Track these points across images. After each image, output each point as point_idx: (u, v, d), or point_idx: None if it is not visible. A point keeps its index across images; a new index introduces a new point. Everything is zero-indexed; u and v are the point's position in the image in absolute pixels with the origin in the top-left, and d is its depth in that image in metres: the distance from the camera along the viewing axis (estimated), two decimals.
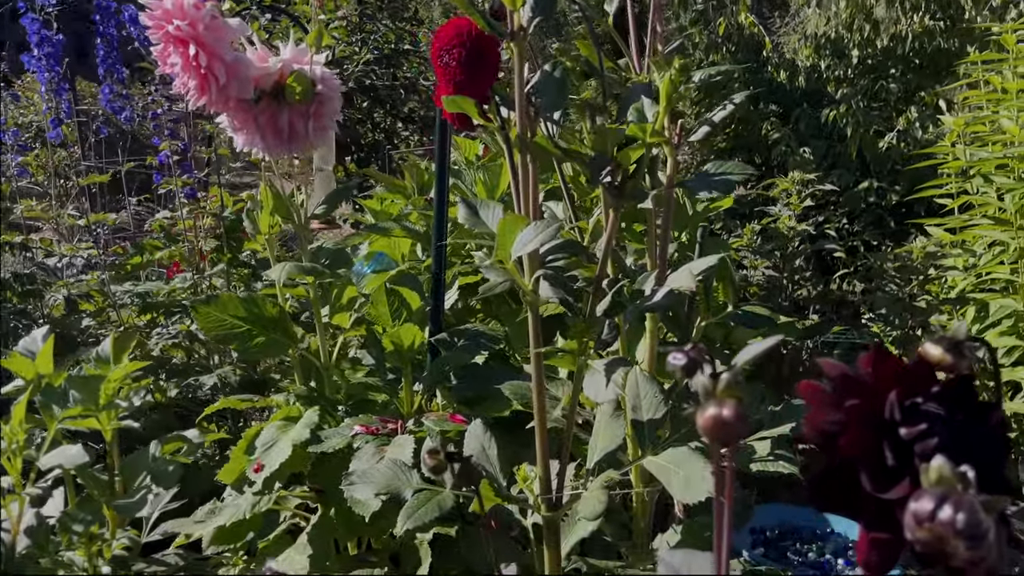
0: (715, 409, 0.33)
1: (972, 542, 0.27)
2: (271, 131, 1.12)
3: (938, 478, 0.29)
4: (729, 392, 0.34)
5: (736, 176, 0.75)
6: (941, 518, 0.28)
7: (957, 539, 0.28)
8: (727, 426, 0.33)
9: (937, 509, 0.28)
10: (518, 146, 0.77)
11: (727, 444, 0.33)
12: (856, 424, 0.33)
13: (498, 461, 0.88)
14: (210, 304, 1.07)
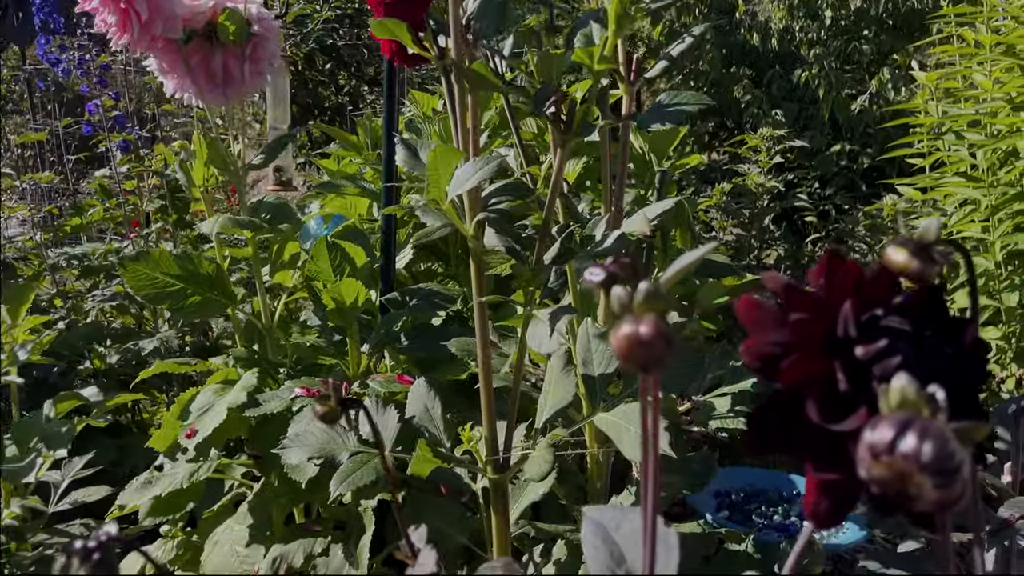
0: (631, 327, 0.27)
1: (941, 478, 0.22)
2: (203, 74, 1.04)
3: (900, 401, 0.24)
4: (649, 306, 0.28)
5: (691, 106, 0.69)
6: (903, 449, 0.22)
7: (923, 475, 0.22)
8: (644, 346, 0.27)
9: (898, 438, 0.22)
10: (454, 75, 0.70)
11: (647, 368, 0.28)
12: (803, 344, 0.27)
13: (442, 422, 0.82)
14: (140, 261, 1.00)
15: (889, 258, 0.29)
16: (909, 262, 0.29)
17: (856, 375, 0.27)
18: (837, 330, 0.28)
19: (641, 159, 1.49)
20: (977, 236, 1.72)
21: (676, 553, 0.36)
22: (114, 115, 1.26)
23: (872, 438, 0.23)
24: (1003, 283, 1.66)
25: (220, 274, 1.03)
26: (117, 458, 1.23)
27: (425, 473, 0.76)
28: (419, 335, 1.09)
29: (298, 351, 1.13)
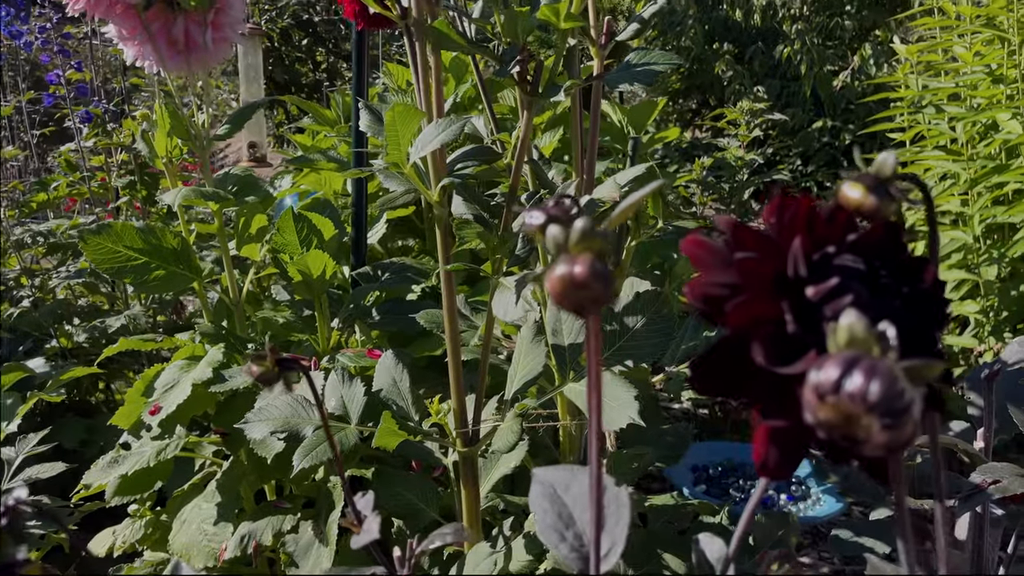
0: (565, 267, 0.26)
1: (889, 419, 0.20)
2: (164, 41, 1.01)
3: (848, 339, 0.22)
4: (584, 245, 0.26)
5: (659, 66, 0.67)
6: (849, 389, 0.21)
7: (870, 416, 0.20)
8: (579, 286, 0.25)
9: (844, 377, 0.21)
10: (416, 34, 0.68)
11: (582, 310, 0.26)
12: (750, 284, 0.26)
13: (410, 395, 0.81)
14: (101, 234, 0.97)
15: (844, 195, 0.27)
16: (864, 198, 0.27)
17: (806, 316, 0.25)
18: (787, 269, 0.26)
19: (620, 133, 1.47)
20: (956, 210, 1.71)
21: (627, 512, 0.34)
22: (77, 86, 1.22)
23: (817, 378, 0.21)
24: (982, 256, 1.66)
25: (185, 248, 1.01)
26: (87, 438, 1.20)
27: (391, 446, 0.75)
28: (391, 310, 1.07)
29: (269, 327, 1.11)
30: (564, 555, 0.34)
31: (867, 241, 0.27)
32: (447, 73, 1.46)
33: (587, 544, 0.34)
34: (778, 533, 0.92)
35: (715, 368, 0.26)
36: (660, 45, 2.82)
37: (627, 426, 0.68)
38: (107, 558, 1.01)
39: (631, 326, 0.77)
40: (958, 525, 0.83)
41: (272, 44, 3.65)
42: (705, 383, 0.26)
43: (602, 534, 0.34)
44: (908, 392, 0.21)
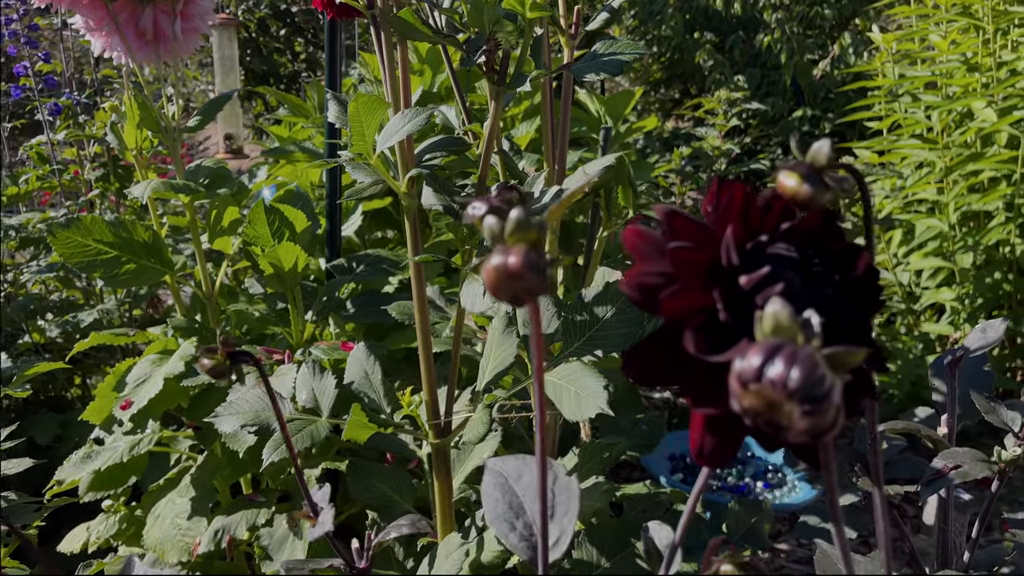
0: (500, 258, 0.26)
1: (809, 405, 0.21)
2: (132, 32, 0.99)
3: (774, 328, 0.22)
4: (519, 236, 0.26)
5: (626, 56, 0.67)
6: (770, 376, 0.21)
7: (791, 403, 0.21)
8: (513, 277, 0.25)
9: (766, 365, 0.21)
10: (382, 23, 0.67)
11: (517, 300, 0.26)
12: (684, 273, 0.26)
13: (382, 387, 0.81)
14: (71, 228, 0.96)
15: (780, 183, 0.28)
16: (799, 187, 0.27)
17: (739, 305, 0.25)
18: (722, 258, 0.26)
19: (597, 123, 1.47)
20: (932, 198, 1.72)
21: (576, 502, 0.34)
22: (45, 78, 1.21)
23: (740, 366, 0.21)
24: (957, 244, 1.67)
25: (157, 241, 1.00)
26: (61, 433, 1.19)
27: (362, 439, 0.75)
28: (367, 302, 1.07)
29: (244, 320, 1.10)
30: (513, 544, 0.34)
31: (802, 229, 0.27)
32: (423, 64, 1.45)
33: (536, 534, 0.34)
34: (751, 520, 0.92)
35: (650, 357, 0.26)
36: (641, 34, 2.82)
37: (602, 415, 0.68)
38: (82, 554, 1.00)
39: (601, 316, 0.77)
40: (926, 510, 0.84)
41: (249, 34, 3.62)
42: (640, 372, 0.26)
43: (551, 523, 0.35)
44: (829, 378, 0.21)
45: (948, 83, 1.71)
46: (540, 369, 0.30)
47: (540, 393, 0.31)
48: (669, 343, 0.26)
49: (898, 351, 1.76)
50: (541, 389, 0.31)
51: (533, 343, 0.30)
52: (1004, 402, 0.60)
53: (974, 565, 0.67)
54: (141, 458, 1.01)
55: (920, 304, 1.74)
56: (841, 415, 0.21)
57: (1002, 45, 1.65)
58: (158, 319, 1.47)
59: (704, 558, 0.31)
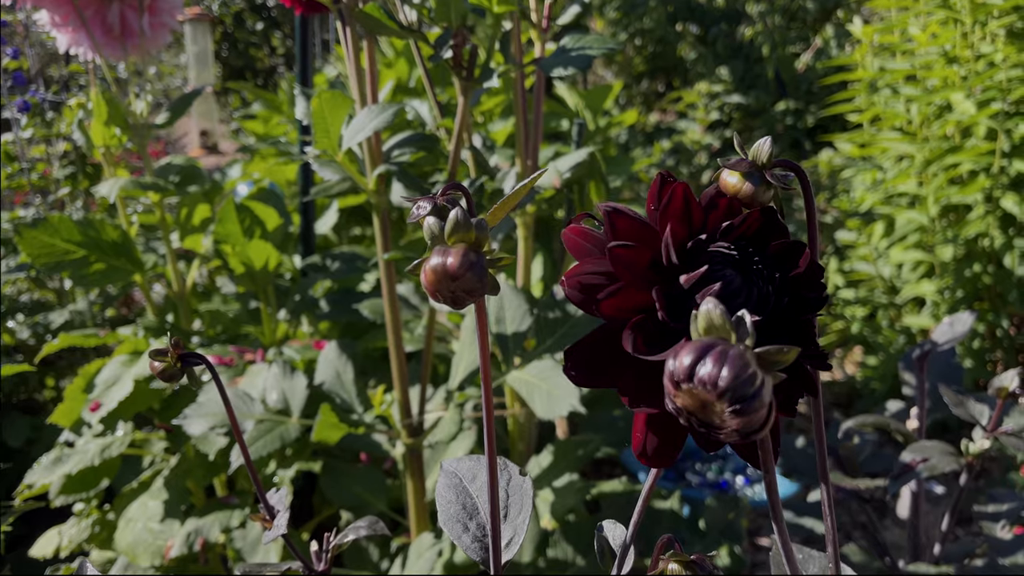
0: (438, 259, 0.25)
1: (739, 404, 0.20)
2: (99, 27, 0.98)
3: (707, 326, 0.22)
4: (458, 236, 0.25)
5: (595, 50, 0.66)
6: (700, 375, 0.20)
7: (721, 402, 0.20)
8: (451, 278, 0.25)
9: (696, 364, 0.20)
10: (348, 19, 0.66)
11: (456, 302, 0.25)
12: (625, 273, 0.25)
13: (354, 387, 0.80)
14: (38, 228, 0.95)
15: (723, 181, 0.27)
16: (741, 184, 0.26)
17: (678, 305, 0.25)
18: (663, 257, 0.25)
19: (575, 117, 1.46)
20: (913, 192, 1.73)
21: (530, 501, 0.34)
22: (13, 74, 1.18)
23: (672, 366, 0.21)
24: (937, 237, 1.68)
25: (126, 240, 0.98)
26: (33, 436, 1.18)
27: (333, 440, 0.74)
28: (341, 301, 1.06)
29: (218, 320, 1.09)
30: (467, 545, 0.34)
31: (743, 227, 0.26)
32: (400, 58, 1.44)
33: (489, 534, 0.34)
34: (728, 516, 0.92)
35: (591, 357, 0.26)
36: (623, 27, 2.81)
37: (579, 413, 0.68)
38: (54, 558, 0.99)
39: (574, 313, 0.77)
40: (899, 504, 0.85)
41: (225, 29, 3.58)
42: (580, 371, 0.25)
43: (504, 524, 0.34)
44: (759, 377, 0.20)
45: (927, 75, 1.71)
46: (487, 369, 0.29)
47: (487, 396, 0.30)
48: (610, 343, 0.26)
49: (880, 345, 1.77)
50: (488, 392, 0.30)
51: (478, 344, 0.29)
52: (973, 395, 0.60)
53: (945, 557, 0.67)
54: (113, 461, 1.00)
55: (902, 297, 1.75)
56: (773, 414, 0.21)
57: (980, 37, 1.66)
58: (131, 319, 1.46)
59: (653, 557, 0.31)
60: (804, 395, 0.25)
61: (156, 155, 1.82)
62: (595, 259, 0.26)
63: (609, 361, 0.26)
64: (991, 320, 1.61)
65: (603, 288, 0.25)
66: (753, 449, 0.25)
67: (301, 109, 0.76)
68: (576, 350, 0.26)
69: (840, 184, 1.80)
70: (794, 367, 0.25)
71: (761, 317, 0.24)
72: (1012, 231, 1.58)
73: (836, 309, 1.99)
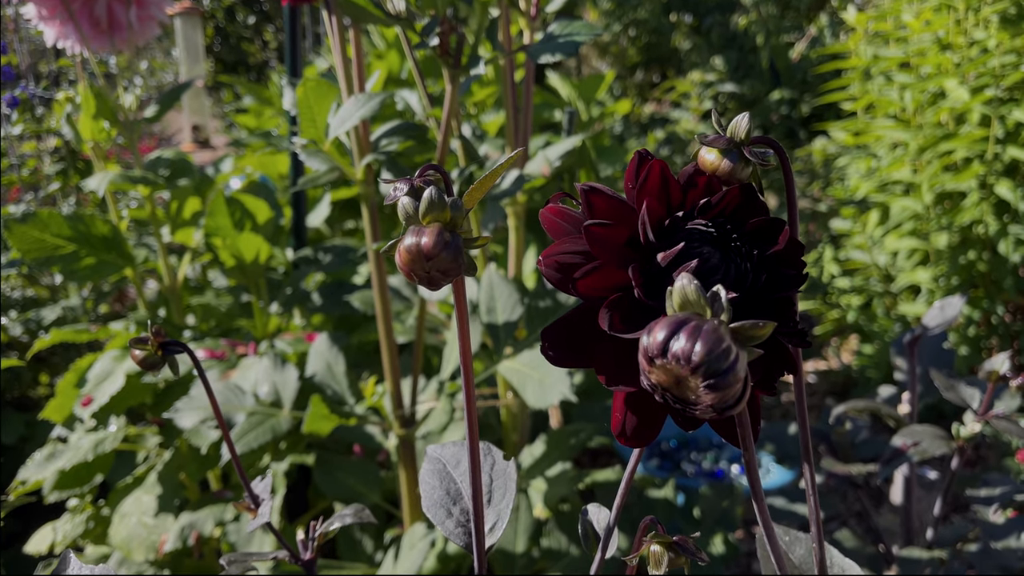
0: (412, 238, 0.25)
1: (713, 379, 0.20)
2: (87, 20, 0.97)
3: (681, 302, 0.21)
4: (434, 215, 0.25)
5: (582, 37, 0.66)
6: (674, 350, 0.20)
7: (695, 377, 0.20)
8: (427, 257, 0.24)
9: (670, 340, 0.20)
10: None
11: (432, 282, 0.25)
12: (602, 251, 0.25)
13: (346, 379, 0.80)
14: (27, 222, 0.94)
15: (701, 158, 0.27)
16: (719, 162, 0.26)
17: (656, 284, 0.25)
18: (640, 235, 0.25)
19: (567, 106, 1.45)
20: (907, 179, 1.73)
21: (513, 486, 0.34)
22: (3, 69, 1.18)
23: (647, 342, 0.21)
24: (932, 224, 1.67)
25: (116, 235, 0.98)
26: (27, 433, 1.18)
27: (324, 431, 0.74)
28: (334, 293, 1.06)
29: (210, 313, 1.09)
30: (450, 531, 0.34)
31: (721, 205, 0.26)
32: (391, 50, 1.43)
33: (471, 519, 0.33)
34: (723, 504, 0.92)
35: (569, 336, 0.25)
36: (617, 17, 2.80)
37: (574, 402, 0.68)
38: (49, 554, 0.99)
39: (564, 301, 0.77)
40: (892, 489, 0.85)
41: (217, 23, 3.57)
42: (558, 352, 0.25)
43: (488, 509, 0.34)
44: (733, 352, 0.20)
45: (921, 63, 1.71)
46: (467, 352, 0.29)
47: (468, 379, 0.30)
48: (587, 322, 0.25)
49: (875, 333, 1.77)
50: (469, 376, 0.30)
51: (458, 327, 0.29)
52: (963, 379, 0.60)
53: (938, 542, 0.67)
54: (107, 456, 1.00)
55: (897, 285, 1.75)
56: (748, 389, 0.21)
57: (974, 24, 1.65)
58: (124, 315, 1.45)
59: (635, 539, 0.30)
60: (784, 372, 0.25)
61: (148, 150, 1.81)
62: (572, 238, 0.26)
63: (587, 340, 0.26)
64: (986, 307, 1.60)
65: (580, 267, 0.25)
66: (733, 427, 0.25)
67: (288, 99, 0.75)
68: (553, 329, 0.25)
69: (835, 172, 1.80)
70: (772, 343, 0.24)
71: (738, 294, 0.24)
72: (1006, 218, 1.58)
73: (832, 298, 1.99)
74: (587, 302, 0.25)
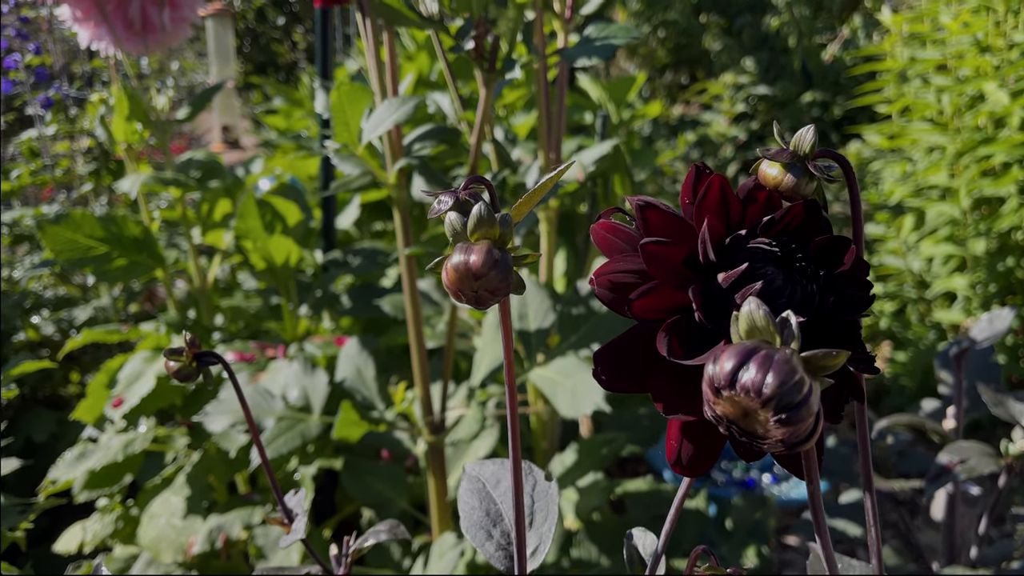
0: (460, 256, 0.24)
1: (785, 413, 0.19)
2: (121, 22, 0.98)
3: (749, 328, 0.20)
4: (482, 232, 0.24)
5: (619, 40, 0.65)
6: (743, 381, 0.19)
7: (766, 410, 0.19)
8: (476, 276, 0.23)
9: (739, 370, 0.19)
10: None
11: (480, 302, 0.24)
12: (659, 271, 0.24)
13: (375, 384, 0.79)
14: (60, 223, 0.95)
15: (762, 173, 0.25)
16: (782, 177, 0.25)
17: (716, 305, 0.23)
18: (699, 254, 0.24)
19: (598, 109, 1.44)
20: (944, 184, 1.69)
21: (556, 508, 0.33)
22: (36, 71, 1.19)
23: (713, 371, 0.20)
24: (969, 230, 1.64)
25: (148, 236, 0.98)
26: (57, 431, 1.19)
27: (354, 438, 0.73)
28: (362, 296, 1.05)
29: (239, 315, 1.09)
30: (490, 554, 0.33)
31: (784, 222, 0.25)
32: (422, 51, 1.43)
33: (514, 542, 0.32)
34: (755, 516, 0.91)
35: (622, 360, 0.24)
36: (646, 18, 2.78)
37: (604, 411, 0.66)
38: (78, 553, 0.99)
39: (598, 309, 0.75)
40: (934, 505, 0.82)
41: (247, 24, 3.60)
42: (612, 376, 0.24)
43: (529, 532, 0.33)
44: (807, 384, 0.19)
45: (959, 65, 1.67)
46: (511, 371, 0.28)
47: (512, 398, 0.29)
48: (642, 345, 0.24)
49: (910, 340, 1.73)
50: (513, 394, 0.29)
51: (503, 345, 0.28)
52: (1013, 394, 0.58)
53: (982, 560, 0.65)
54: (136, 456, 1.00)
55: (932, 292, 1.71)
56: (821, 423, 0.20)
57: (1013, 26, 1.61)
58: (154, 315, 1.46)
59: (687, 568, 0.29)
60: (850, 400, 0.24)
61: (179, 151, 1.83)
62: (626, 256, 0.25)
63: (641, 364, 0.24)
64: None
65: (635, 287, 0.24)
66: (795, 458, 0.24)
67: (321, 103, 0.75)
68: (606, 353, 0.24)
69: (869, 176, 1.77)
70: (840, 371, 0.23)
71: (805, 318, 0.23)
72: None
73: None
74: (641, 323, 0.24)
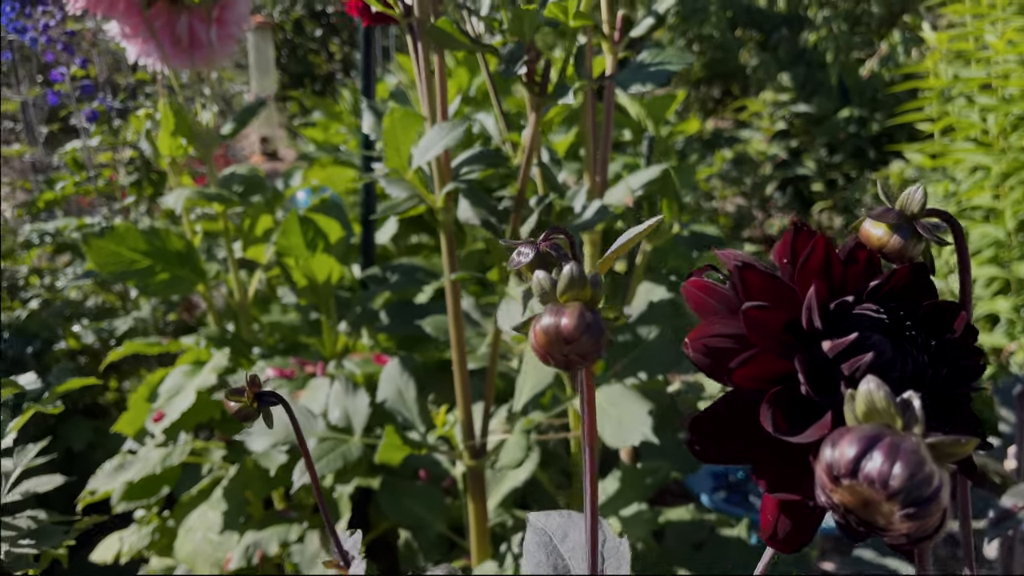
0: (551, 319, 0.23)
1: (914, 508, 0.17)
2: (168, 38, 0.99)
3: (867, 410, 0.19)
4: (573, 294, 0.23)
5: (674, 65, 0.64)
6: (867, 471, 0.18)
7: (891, 504, 0.18)
8: (565, 341, 0.22)
9: (862, 458, 0.18)
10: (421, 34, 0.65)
11: (570, 366, 0.23)
12: (759, 337, 0.23)
13: (416, 406, 0.78)
14: (104, 237, 0.96)
15: (865, 233, 0.24)
16: (888, 238, 0.24)
17: (822, 376, 0.22)
18: (803, 320, 0.23)
19: (638, 127, 1.43)
20: (988, 205, 1.65)
21: (627, 565, 0.32)
22: (82, 83, 1.20)
23: (831, 457, 0.18)
24: (1014, 252, 1.60)
25: (190, 250, 0.99)
26: (95, 440, 1.20)
27: (396, 461, 0.73)
28: (400, 313, 1.05)
29: (277, 330, 1.09)
30: None
31: (891, 286, 0.23)
32: (461, 67, 1.43)
33: None
34: None
35: (718, 430, 0.23)
36: (681, 32, 2.76)
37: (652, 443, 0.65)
38: (114, 564, 1.00)
39: (644, 336, 0.74)
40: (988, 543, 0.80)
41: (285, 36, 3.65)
42: (707, 447, 0.23)
43: None
44: (936, 476, 0.18)
45: (1005, 84, 1.64)
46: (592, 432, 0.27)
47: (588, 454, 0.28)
48: (741, 414, 0.23)
49: None
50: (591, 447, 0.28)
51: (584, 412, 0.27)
52: None
53: None
54: (174, 469, 1.01)
55: (974, 314, 1.68)
56: (948, 517, 0.18)
57: None
58: (192, 326, 1.47)
59: None
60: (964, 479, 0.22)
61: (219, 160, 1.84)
62: (721, 319, 0.24)
63: (740, 435, 0.23)
64: None
65: (731, 352, 0.23)
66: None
67: (368, 123, 0.74)
68: (703, 421, 0.23)
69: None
70: None
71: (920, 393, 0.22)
72: None
73: None
74: (737, 391, 0.23)
